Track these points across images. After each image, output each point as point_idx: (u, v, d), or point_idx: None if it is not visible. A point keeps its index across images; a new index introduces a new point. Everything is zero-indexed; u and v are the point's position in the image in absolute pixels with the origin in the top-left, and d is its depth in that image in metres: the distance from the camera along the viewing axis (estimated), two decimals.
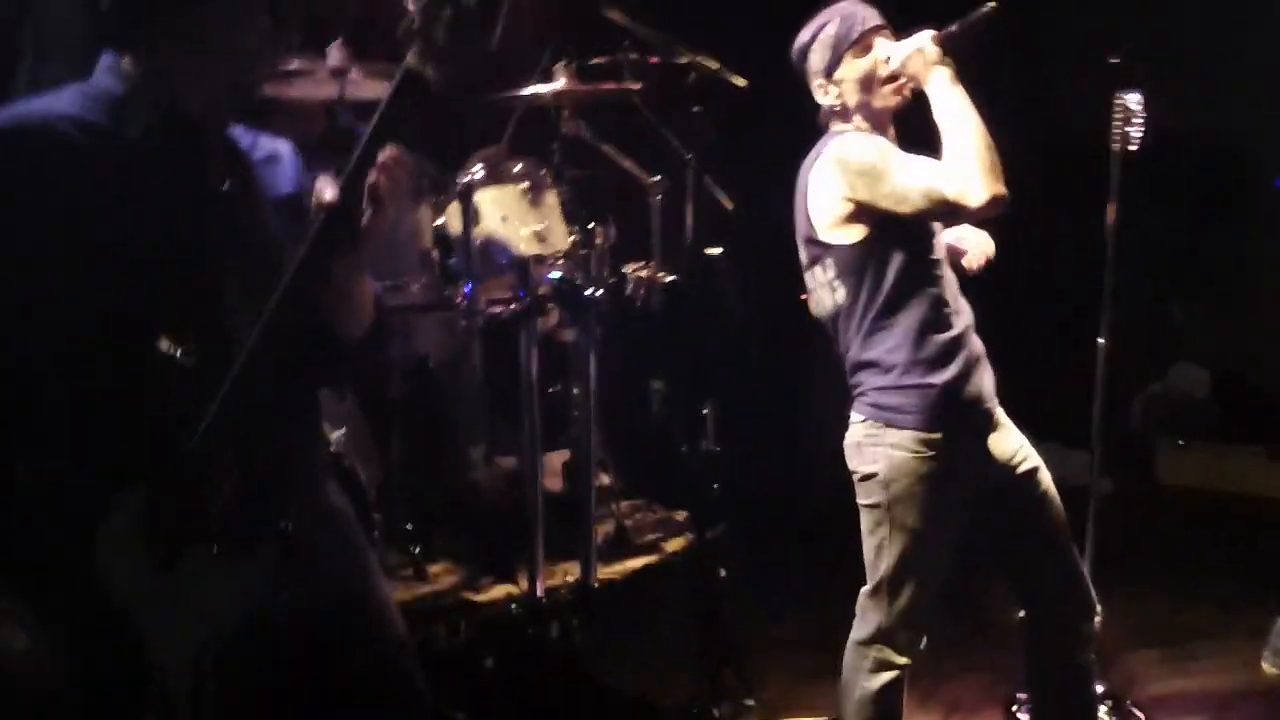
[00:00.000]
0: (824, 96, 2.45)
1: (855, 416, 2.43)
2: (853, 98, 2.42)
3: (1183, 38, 5.04)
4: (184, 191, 1.67)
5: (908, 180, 2.29)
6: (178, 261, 1.63)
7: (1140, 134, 3.03)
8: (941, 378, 2.34)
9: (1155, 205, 4.60)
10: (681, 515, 3.61)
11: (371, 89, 3.12)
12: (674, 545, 3.41)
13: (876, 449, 2.38)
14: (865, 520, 2.42)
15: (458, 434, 3.52)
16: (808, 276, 2.47)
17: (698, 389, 3.47)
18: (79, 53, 1.73)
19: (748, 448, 4.04)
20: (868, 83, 2.40)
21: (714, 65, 3.36)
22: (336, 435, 2.72)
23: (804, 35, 2.46)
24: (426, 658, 1.96)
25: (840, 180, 2.35)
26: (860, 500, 2.43)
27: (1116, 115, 3.07)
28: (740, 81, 3.34)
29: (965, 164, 2.25)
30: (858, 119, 2.44)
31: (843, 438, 2.45)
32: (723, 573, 3.28)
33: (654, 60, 3.60)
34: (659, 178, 3.48)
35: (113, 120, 1.63)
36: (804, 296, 2.56)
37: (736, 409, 3.64)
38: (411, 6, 1.60)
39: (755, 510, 3.90)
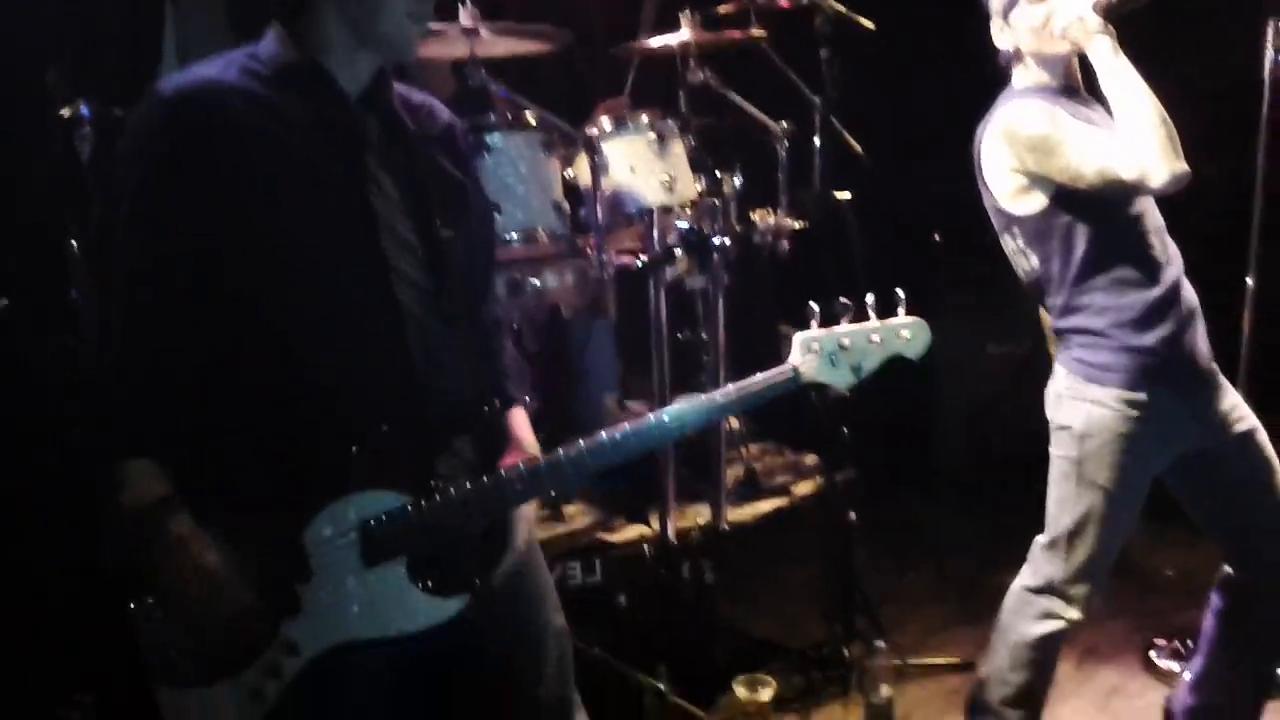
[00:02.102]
0: (1000, 38, 2.41)
1: (1059, 368, 2.39)
2: (1026, 43, 2.37)
3: None
4: (341, 165, 1.70)
5: (1082, 159, 2.23)
6: (348, 233, 1.68)
7: None
8: (1151, 337, 2.28)
9: None
10: (810, 459, 3.64)
11: (501, 47, 3.19)
12: (803, 489, 3.43)
13: (1076, 403, 2.34)
14: (1054, 470, 2.39)
15: (590, 381, 3.61)
16: (1002, 242, 2.45)
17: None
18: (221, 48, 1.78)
19: (877, 392, 4.01)
20: (1039, 32, 2.33)
21: (841, 9, 3.32)
22: None
23: None
24: (563, 593, 2.01)
25: (1009, 153, 2.32)
26: (1052, 450, 2.40)
27: (1271, 44, 2.93)
28: (868, 24, 3.30)
29: (1141, 142, 2.17)
30: (1034, 65, 2.39)
31: (973, 393, 2.43)
32: (853, 516, 3.30)
33: (781, 5, 3.59)
34: (786, 124, 3.47)
35: (275, 90, 1.66)
36: (936, 237, 2.53)
37: None
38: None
39: (885, 456, 3.90)
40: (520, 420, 1.96)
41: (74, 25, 3.49)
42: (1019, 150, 2.30)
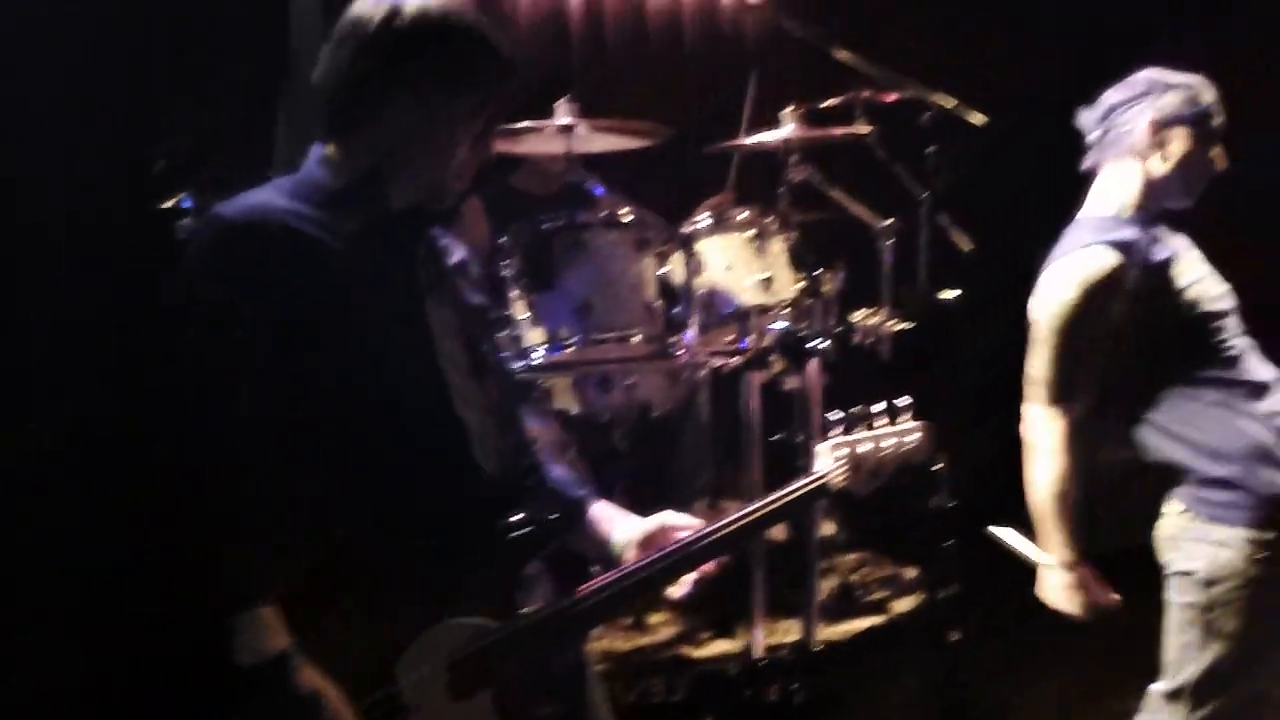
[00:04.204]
0: (1148, 137, 2.30)
1: (1173, 505, 2.23)
2: (1155, 164, 2.30)
3: None
4: (398, 287, 1.70)
5: (1039, 357, 2.25)
6: (410, 350, 1.68)
7: None
8: (1275, 469, 2.13)
9: None
10: (911, 573, 3.46)
11: (598, 143, 3.17)
12: (903, 605, 3.25)
13: (1197, 545, 2.17)
14: (1174, 617, 2.22)
15: (682, 483, 3.50)
16: None
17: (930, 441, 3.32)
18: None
19: (984, 502, 3.83)
20: (1187, 164, 2.30)
21: (950, 102, 3.22)
22: None
23: (1156, 83, 2.32)
24: (643, 711, 1.94)
25: (1041, 293, 2.29)
26: (1172, 596, 2.23)
27: None
28: (978, 119, 3.20)
29: (1038, 438, 2.23)
30: (1136, 182, 2.32)
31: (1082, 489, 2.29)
32: (956, 636, 3.11)
33: (888, 99, 3.50)
34: (890, 220, 3.37)
35: (327, 213, 1.66)
36: None
37: (972, 462, 3.47)
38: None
39: (990, 568, 3.69)
40: (611, 512, 1.89)
41: (187, 119, 3.59)
42: (1040, 306, 2.27)
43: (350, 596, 1.59)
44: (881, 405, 1.84)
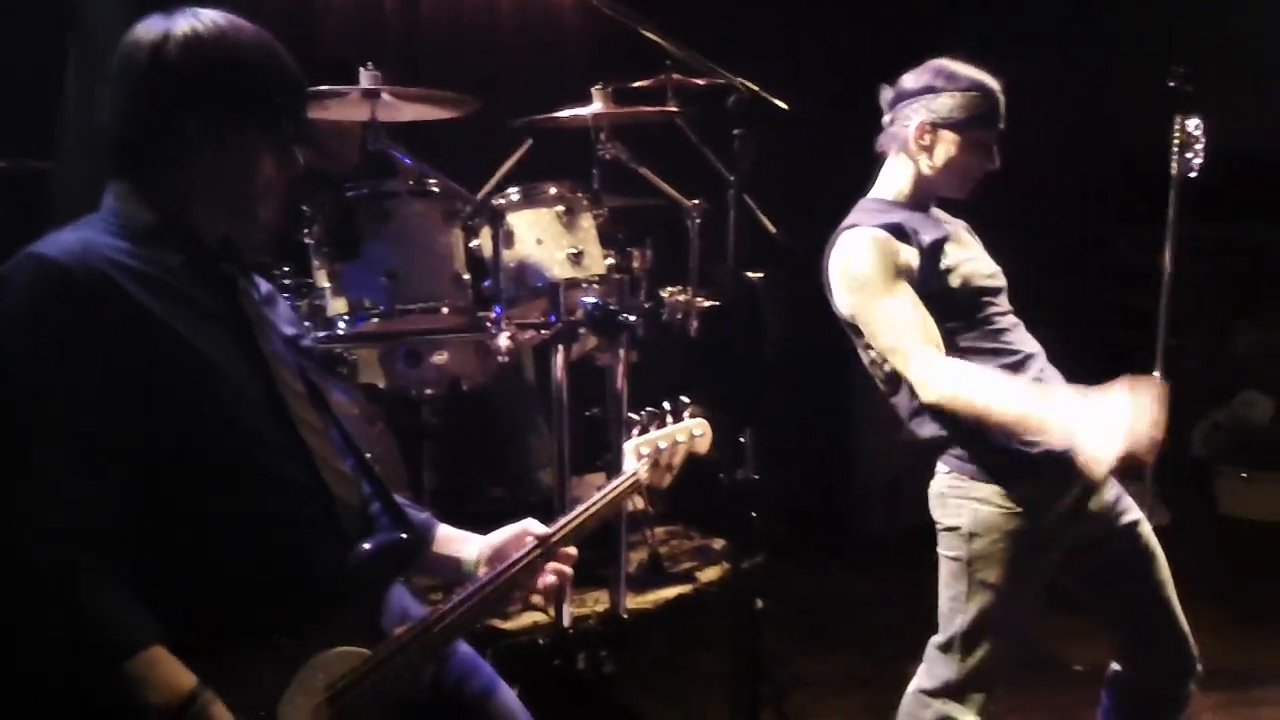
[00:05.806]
0: (915, 139, 2.36)
1: (940, 466, 2.34)
2: (924, 163, 2.37)
3: (1249, 58, 4.90)
4: (229, 317, 1.66)
5: (883, 329, 2.27)
6: (250, 382, 1.64)
7: (1200, 159, 2.96)
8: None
9: (1220, 228, 4.48)
10: (718, 543, 3.53)
11: (406, 112, 3.10)
12: (709, 575, 3.33)
13: (961, 502, 2.29)
14: (943, 571, 2.33)
15: (497, 457, 3.50)
16: (861, 355, 2.43)
17: (736, 415, 3.40)
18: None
19: (788, 475, 3.95)
20: (952, 166, 2.36)
21: (754, 88, 3.30)
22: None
23: (938, 79, 2.36)
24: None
25: (838, 283, 2.35)
26: (941, 551, 2.34)
27: (1175, 139, 2.98)
28: (781, 105, 3.28)
29: (945, 377, 2.19)
30: (909, 174, 2.39)
31: (888, 465, 2.39)
32: (760, 604, 3.20)
33: (696, 82, 3.56)
34: (698, 201, 3.43)
35: (146, 249, 1.60)
36: None
37: (776, 436, 3.57)
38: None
39: (797, 540, 3.82)
40: (456, 533, 1.92)
41: None
42: (842, 291, 2.35)
43: (216, 636, 1.52)
44: (668, 405, 2.08)
